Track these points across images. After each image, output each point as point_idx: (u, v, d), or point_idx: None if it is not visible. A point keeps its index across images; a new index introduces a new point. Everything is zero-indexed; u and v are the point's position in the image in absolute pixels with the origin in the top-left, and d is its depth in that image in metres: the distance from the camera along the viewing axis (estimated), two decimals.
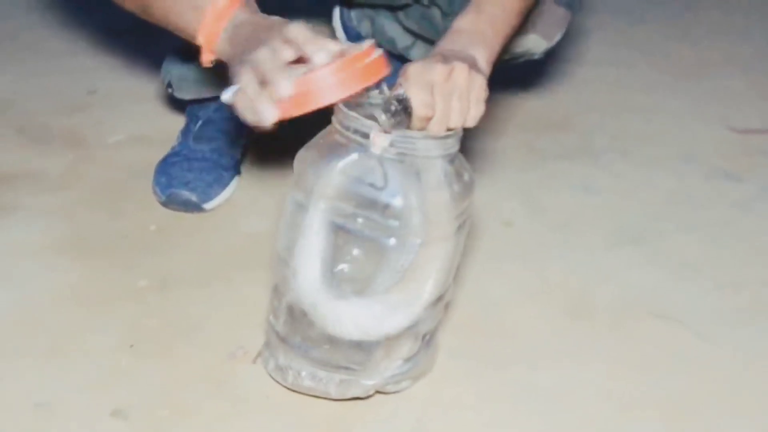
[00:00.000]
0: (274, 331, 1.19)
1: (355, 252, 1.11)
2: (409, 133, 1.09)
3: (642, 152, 1.77)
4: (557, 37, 1.55)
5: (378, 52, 1.09)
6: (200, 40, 1.16)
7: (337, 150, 1.09)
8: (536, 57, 1.57)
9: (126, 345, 1.27)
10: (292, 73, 1.05)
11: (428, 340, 1.19)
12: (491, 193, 1.61)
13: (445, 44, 1.19)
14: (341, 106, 1.10)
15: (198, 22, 1.16)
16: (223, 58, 1.15)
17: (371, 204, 1.08)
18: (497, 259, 1.46)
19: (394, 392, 1.19)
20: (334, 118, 1.11)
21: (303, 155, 1.13)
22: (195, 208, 1.53)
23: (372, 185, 1.07)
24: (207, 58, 1.17)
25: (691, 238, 1.53)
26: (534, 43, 1.53)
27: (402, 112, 1.08)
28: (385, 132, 1.08)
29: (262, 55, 1.08)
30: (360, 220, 1.09)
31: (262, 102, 1.06)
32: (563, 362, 1.28)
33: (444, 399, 1.20)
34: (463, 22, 1.21)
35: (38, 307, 1.33)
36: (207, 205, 1.53)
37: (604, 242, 1.52)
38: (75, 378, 1.21)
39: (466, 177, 1.13)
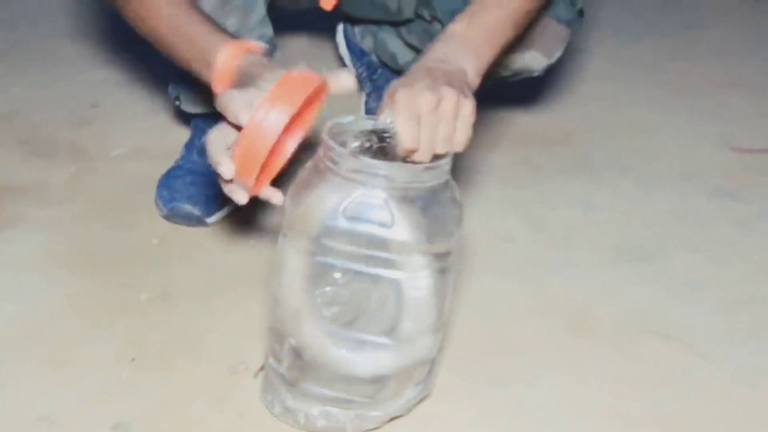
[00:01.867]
0: (278, 375, 1.16)
1: (364, 293, 1.09)
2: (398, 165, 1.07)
3: (642, 170, 1.78)
4: (557, 54, 1.55)
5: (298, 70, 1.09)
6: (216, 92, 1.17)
7: (334, 190, 1.06)
8: (536, 74, 1.58)
9: (127, 358, 1.27)
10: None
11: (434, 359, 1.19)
12: (491, 209, 1.61)
13: (435, 51, 1.16)
14: (332, 144, 1.07)
15: (209, 79, 1.18)
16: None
17: (380, 243, 1.05)
18: (497, 275, 1.46)
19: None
20: (324, 158, 1.08)
21: (296, 196, 1.09)
22: (197, 222, 1.53)
23: (380, 223, 1.04)
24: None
25: (692, 257, 1.54)
26: (534, 60, 1.53)
27: (377, 152, 1.07)
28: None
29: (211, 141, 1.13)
30: (368, 260, 1.06)
31: (228, 191, 1.13)
32: (563, 380, 1.28)
33: (444, 416, 1.20)
34: (456, 28, 1.18)
35: (40, 320, 1.33)
36: (209, 219, 1.54)
37: (604, 259, 1.52)
38: (76, 391, 1.21)
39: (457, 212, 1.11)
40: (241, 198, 1.12)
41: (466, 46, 1.17)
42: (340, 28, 1.89)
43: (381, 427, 1.17)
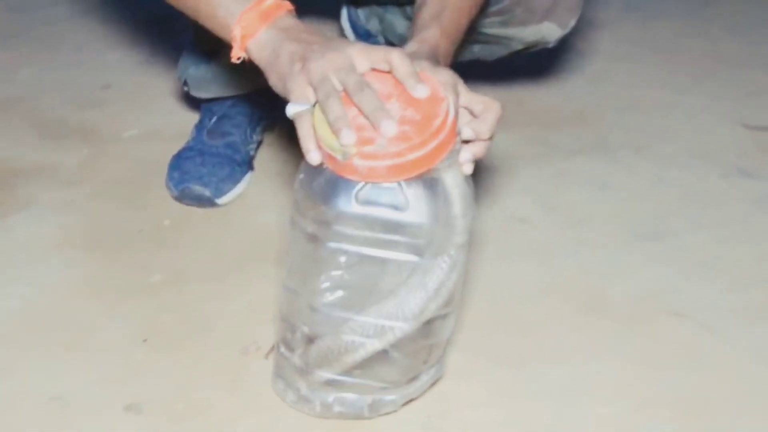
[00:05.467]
0: (291, 363, 1.14)
1: (376, 277, 1.07)
2: None
3: (657, 149, 1.76)
4: (571, 24, 1.55)
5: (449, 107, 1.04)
6: (235, 33, 1.10)
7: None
8: (550, 45, 1.57)
9: (140, 339, 1.27)
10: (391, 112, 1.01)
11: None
12: (505, 189, 1.60)
13: (428, 57, 1.15)
14: None
15: (236, 16, 1.10)
16: (257, 60, 1.11)
17: (396, 227, 1.03)
18: (511, 255, 1.46)
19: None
20: None
21: (306, 183, 1.06)
22: (208, 203, 1.53)
23: (394, 207, 1.03)
24: (236, 54, 1.11)
25: (707, 236, 1.53)
26: (549, 31, 1.53)
27: None
28: None
29: (352, 79, 1.03)
30: (382, 244, 1.04)
31: (306, 149, 1.03)
32: (577, 360, 1.27)
33: (456, 396, 1.20)
34: (436, 37, 1.18)
35: (52, 302, 1.33)
36: (220, 200, 1.53)
37: (618, 239, 1.51)
38: (89, 372, 1.21)
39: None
40: (314, 158, 1.04)
41: (444, 59, 1.18)
42: (344, 12, 1.88)
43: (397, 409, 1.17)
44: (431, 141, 1.01)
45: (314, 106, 1.04)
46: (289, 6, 1.13)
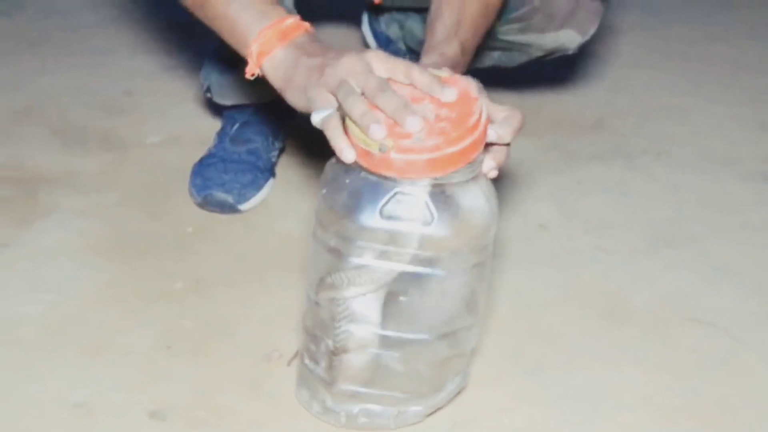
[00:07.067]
0: (316, 376, 1.14)
1: (408, 290, 1.07)
2: None
3: (677, 154, 1.76)
4: (592, 31, 1.55)
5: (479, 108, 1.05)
6: (252, 50, 1.11)
7: (369, 189, 1.03)
8: (570, 52, 1.58)
9: (163, 346, 1.28)
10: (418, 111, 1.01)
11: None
12: (525, 195, 1.60)
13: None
14: None
15: (255, 33, 1.11)
16: (272, 79, 1.11)
17: (420, 241, 1.03)
18: (532, 262, 1.46)
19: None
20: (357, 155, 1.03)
21: (329, 197, 1.06)
22: (230, 209, 1.54)
23: (418, 221, 1.02)
24: (252, 71, 1.12)
25: (728, 241, 1.52)
26: (568, 38, 1.53)
27: None
28: None
29: (371, 82, 1.03)
30: (407, 259, 1.04)
31: (339, 149, 1.02)
32: (599, 366, 1.27)
33: (479, 403, 1.20)
34: (454, 53, 1.19)
35: (75, 308, 1.34)
36: (242, 207, 1.54)
37: (639, 245, 1.51)
38: (113, 378, 1.22)
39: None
40: (349, 155, 1.02)
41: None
42: (365, 18, 1.89)
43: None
44: (468, 136, 1.02)
45: (338, 110, 1.05)
46: (308, 27, 1.14)
